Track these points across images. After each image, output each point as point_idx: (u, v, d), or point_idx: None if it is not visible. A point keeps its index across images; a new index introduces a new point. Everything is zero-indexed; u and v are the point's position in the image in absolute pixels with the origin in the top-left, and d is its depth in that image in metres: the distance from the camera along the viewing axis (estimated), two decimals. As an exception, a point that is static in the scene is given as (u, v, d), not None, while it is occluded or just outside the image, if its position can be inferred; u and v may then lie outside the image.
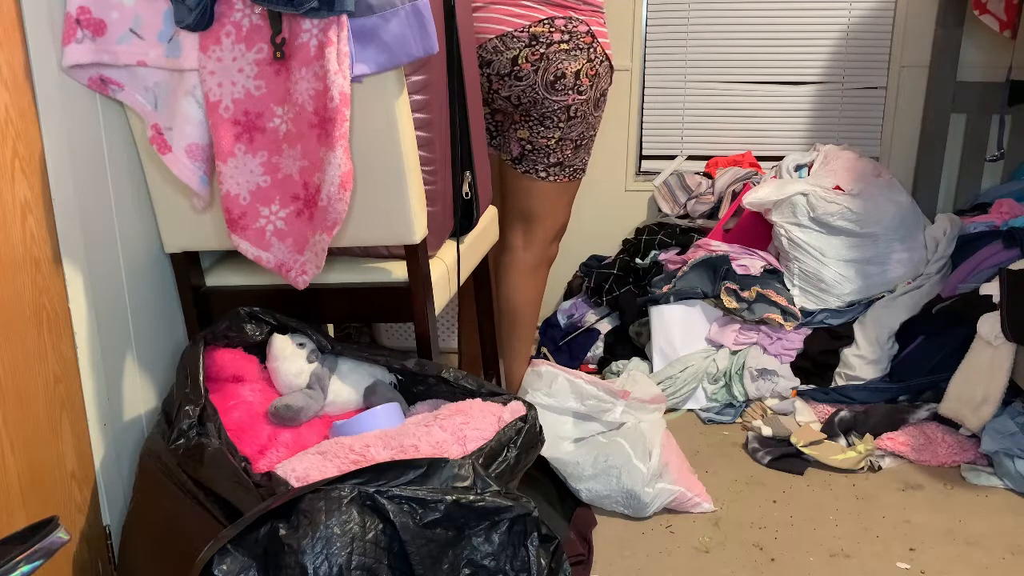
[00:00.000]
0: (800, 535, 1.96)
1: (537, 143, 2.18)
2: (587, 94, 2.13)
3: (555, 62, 2.07)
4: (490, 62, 2.10)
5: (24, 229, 1.41)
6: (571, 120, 2.15)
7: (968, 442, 2.24)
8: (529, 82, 2.09)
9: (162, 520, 1.46)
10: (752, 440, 2.34)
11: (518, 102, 2.13)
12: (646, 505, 2.00)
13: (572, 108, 2.13)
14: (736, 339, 2.60)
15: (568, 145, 2.19)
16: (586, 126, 2.19)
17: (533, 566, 1.28)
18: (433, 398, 1.67)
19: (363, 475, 1.27)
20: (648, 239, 2.93)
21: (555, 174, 2.22)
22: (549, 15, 2.08)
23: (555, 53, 2.07)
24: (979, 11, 2.74)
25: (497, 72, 2.10)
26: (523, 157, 2.22)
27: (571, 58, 2.08)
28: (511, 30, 2.07)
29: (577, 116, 2.15)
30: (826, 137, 3.12)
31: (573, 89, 2.10)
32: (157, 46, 1.47)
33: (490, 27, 2.08)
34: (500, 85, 2.12)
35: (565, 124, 2.15)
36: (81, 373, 1.54)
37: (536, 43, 2.07)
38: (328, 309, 1.74)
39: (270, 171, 1.51)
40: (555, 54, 2.07)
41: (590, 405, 2.12)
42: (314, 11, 1.37)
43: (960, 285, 2.49)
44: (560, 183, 2.25)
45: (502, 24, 2.08)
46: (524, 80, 2.09)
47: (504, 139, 2.24)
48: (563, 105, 2.12)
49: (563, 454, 2.06)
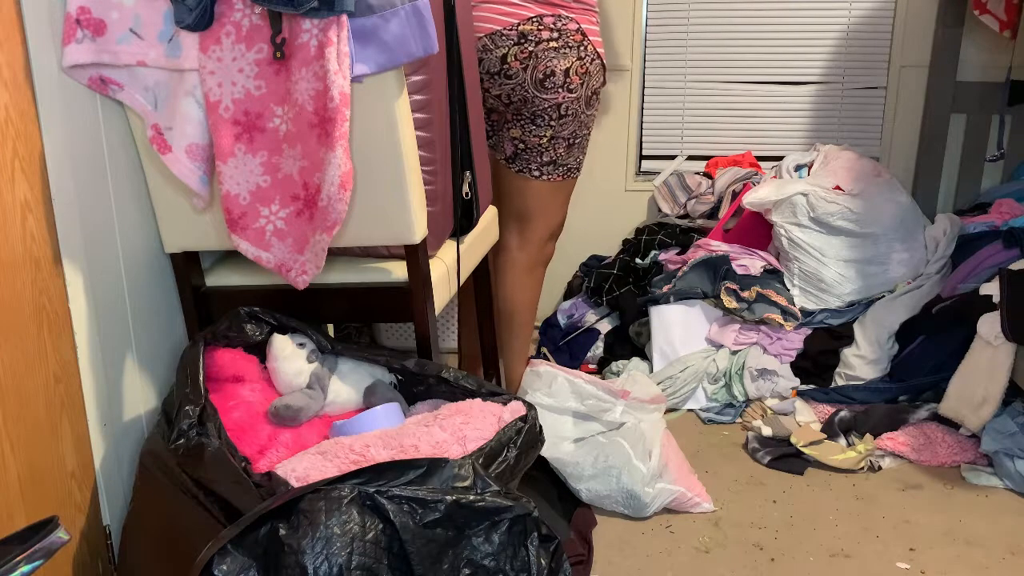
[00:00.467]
0: (800, 535, 1.96)
1: (529, 142, 2.18)
2: (577, 92, 2.13)
3: (544, 60, 2.07)
4: (480, 60, 2.10)
5: (24, 229, 1.41)
6: (562, 118, 2.15)
7: (968, 442, 2.24)
8: (518, 80, 2.09)
9: (162, 520, 1.46)
10: (752, 440, 2.34)
11: (508, 101, 2.14)
12: (646, 505, 2.00)
13: (563, 106, 2.13)
14: (736, 339, 2.60)
15: (561, 144, 2.19)
16: (578, 124, 2.19)
17: (533, 566, 1.28)
18: (433, 398, 1.67)
19: (363, 475, 1.27)
20: (648, 239, 2.93)
21: (549, 173, 2.22)
22: (538, 13, 2.07)
23: (544, 51, 2.07)
24: (979, 11, 2.74)
25: (487, 71, 2.10)
26: (516, 156, 2.22)
27: (560, 56, 2.08)
28: (500, 28, 2.08)
29: (568, 114, 2.15)
30: (826, 137, 3.12)
31: (563, 87, 2.10)
32: (157, 46, 1.47)
33: (480, 26, 2.08)
34: (491, 84, 2.12)
35: (556, 123, 2.15)
36: (81, 373, 1.54)
37: (525, 41, 2.07)
38: (328, 309, 1.74)
39: (270, 171, 1.51)
40: (544, 52, 2.07)
41: (590, 405, 2.12)
42: (314, 11, 1.37)
43: (960, 285, 2.49)
44: (554, 182, 2.25)
45: (491, 23, 2.08)
46: (514, 79, 2.09)
47: (499, 138, 2.24)
48: (553, 103, 2.12)
49: (563, 454, 2.06)
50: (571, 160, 2.24)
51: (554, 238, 2.37)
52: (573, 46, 2.09)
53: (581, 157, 2.27)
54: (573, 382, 2.14)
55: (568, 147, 2.21)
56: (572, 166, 2.26)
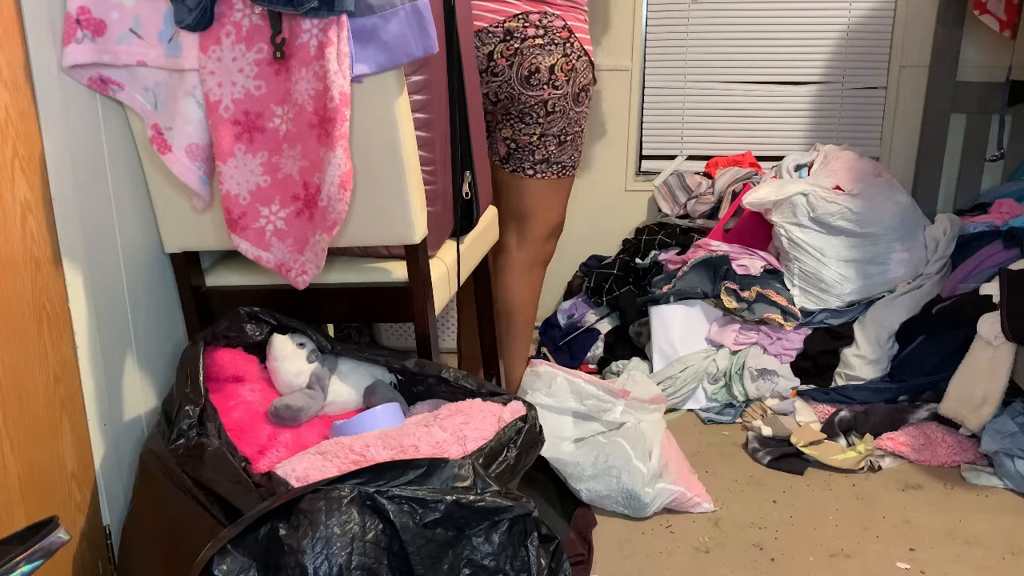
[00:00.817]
0: (800, 535, 1.96)
1: (520, 140, 2.18)
2: (563, 89, 2.13)
3: (529, 57, 2.08)
4: None
5: (24, 229, 1.41)
6: (550, 115, 2.15)
7: (968, 442, 2.24)
8: (504, 78, 2.10)
9: (162, 520, 1.46)
10: (752, 440, 2.34)
11: (496, 99, 2.14)
12: (646, 505, 2.00)
13: (549, 103, 2.13)
14: (736, 339, 2.59)
15: (551, 141, 2.19)
16: (567, 121, 2.19)
17: (533, 566, 1.28)
18: (433, 398, 1.67)
19: (363, 475, 1.27)
20: (648, 239, 2.93)
21: (543, 171, 2.22)
22: (524, 10, 2.08)
23: (529, 48, 2.07)
24: (979, 11, 2.74)
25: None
26: (510, 156, 2.22)
27: (545, 53, 2.08)
28: (487, 26, 2.08)
29: (556, 111, 2.15)
30: (826, 137, 3.12)
31: (548, 84, 2.11)
32: (157, 46, 1.47)
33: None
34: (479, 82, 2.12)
35: (544, 120, 2.15)
36: (81, 373, 1.54)
37: (511, 38, 2.07)
38: (328, 309, 1.74)
39: (270, 171, 1.51)
40: (529, 49, 2.07)
41: (590, 405, 2.12)
42: (314, 11, 1.37)
43: (960, 285, 2.49)
44: (549, 180, 2.25)
45: (478, 20, 2.08)
46: (500, 76, 2.10)
47: (492, 140, 2.24)
48: (539, 100, 2.12)
49: (563, 454, 2.06)
50: (564, 157, 2.24)
51: (554, 237, 2.37)
52: (559, 43, 2.09)
53: (576, 155, 2.27)
54: (573, 382, 2.14)
55: (559, 144, 2.21)
56: (566, 163, 2.26)
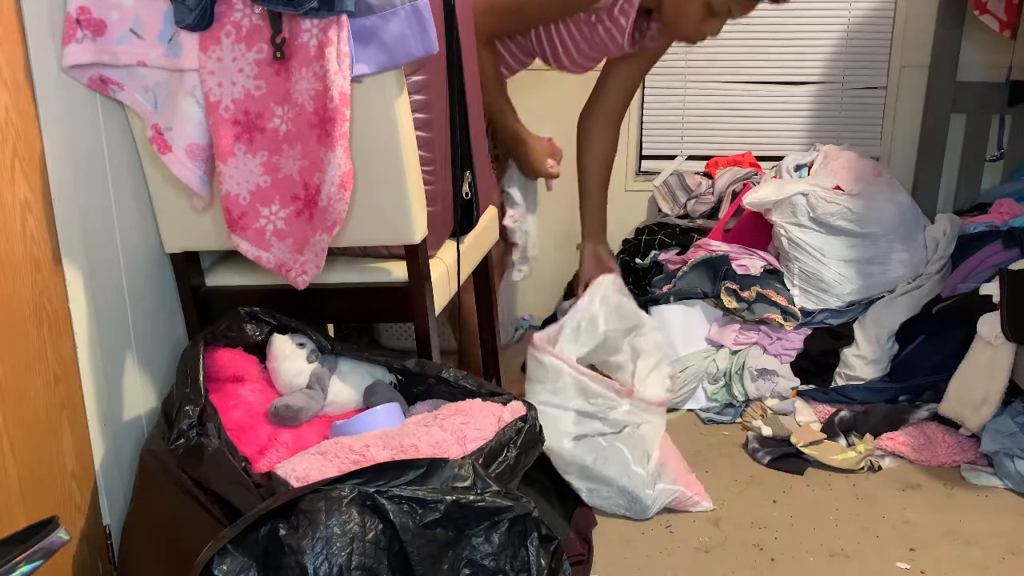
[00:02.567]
0: (800, 535, 1.96)
1: None
2: None
3: None
4: None
5: (24, 229, 1.41)
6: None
7: (968, 442, 2.24)
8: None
9: (162, 520, 1.46)
10: (752, 440, 2.34)
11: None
12: (647, 507, 2.00)
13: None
14: (736, 339, 2.59)
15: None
16: None
17: (533, 566, 1.28)
18: (433, 398, 1.67)
19: (363, 475, 1.27)
20: (648, 239, 2.93)
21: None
22: None
23: None
24: (979, 11, 2.74)
25: None
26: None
27: None
28: None
29: None
30: (826, 137, 3.12)
31: None
32: (157, 46, 1.47)
33: None
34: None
35: None
36: (81, 373, 1.54)
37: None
38: (328, 309, 1.74)
39: (270, 171, 1.51)
40: None
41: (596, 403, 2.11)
42: (314, 11, 1.37)
43: (960, 285, 2.49)
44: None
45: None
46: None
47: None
48: None
49: (564, 452, 2.05)
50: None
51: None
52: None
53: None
54: (579, 380, 2.13)
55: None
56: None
